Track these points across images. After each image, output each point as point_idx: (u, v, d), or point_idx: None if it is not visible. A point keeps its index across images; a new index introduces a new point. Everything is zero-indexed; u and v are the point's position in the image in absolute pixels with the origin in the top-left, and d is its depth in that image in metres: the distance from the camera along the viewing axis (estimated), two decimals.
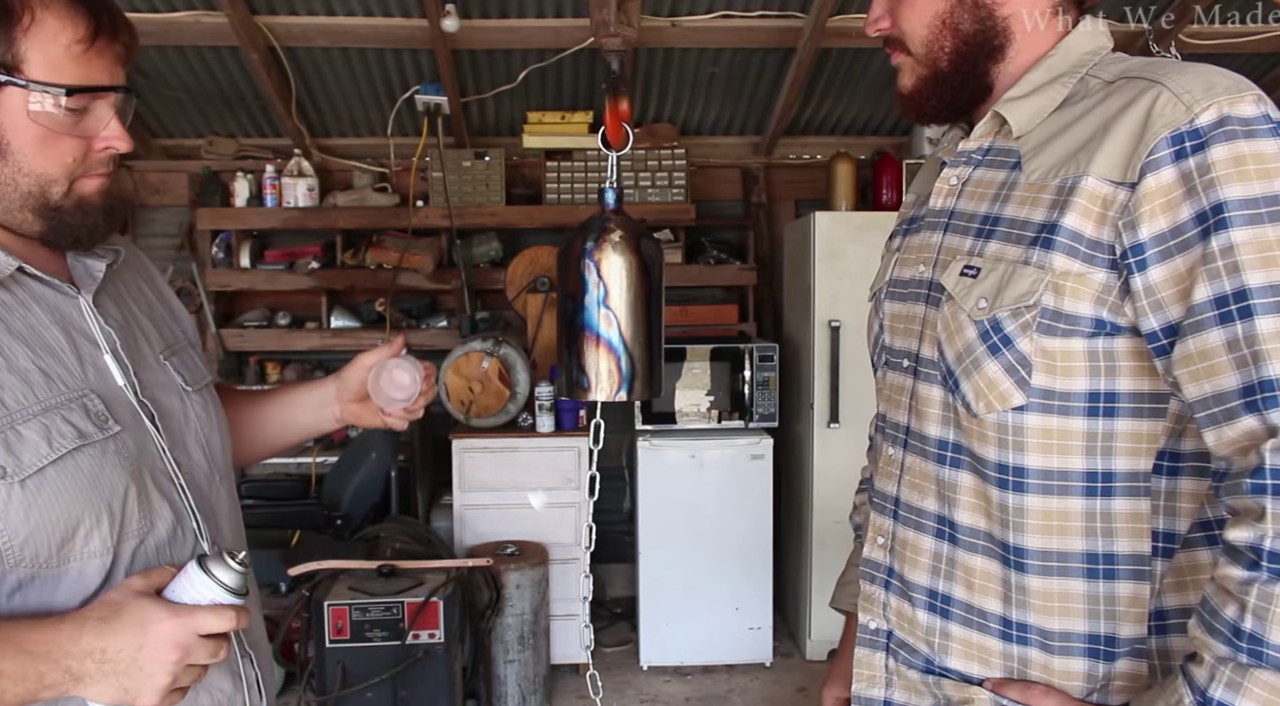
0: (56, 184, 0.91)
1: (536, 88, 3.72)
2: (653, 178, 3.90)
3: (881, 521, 1.10)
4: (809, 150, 4.22)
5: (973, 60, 1.01)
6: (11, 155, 0.89)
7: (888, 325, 1.14)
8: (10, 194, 0.90)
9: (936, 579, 1.02)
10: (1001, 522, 0.95)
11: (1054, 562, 0.93)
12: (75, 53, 0.88)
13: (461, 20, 3.16)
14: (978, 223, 0.99)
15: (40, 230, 0.93)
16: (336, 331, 3.96)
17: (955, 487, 0.99)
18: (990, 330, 0.93)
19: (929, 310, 1.03)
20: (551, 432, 3.52)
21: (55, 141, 0.90)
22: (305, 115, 3.81)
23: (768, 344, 3.64)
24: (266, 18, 3.24)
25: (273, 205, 3.86)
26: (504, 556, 3.27)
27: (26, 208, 0.91)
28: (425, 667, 2.79)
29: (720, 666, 3.65)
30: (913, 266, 1.08)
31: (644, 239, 1.05)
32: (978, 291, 0.95)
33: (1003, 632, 0.97)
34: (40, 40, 0.87)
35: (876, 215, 3.67)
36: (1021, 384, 0.92)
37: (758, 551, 3.62)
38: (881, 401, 1.16)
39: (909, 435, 1.06)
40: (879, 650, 1.10)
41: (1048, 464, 0.92)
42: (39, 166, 0.90)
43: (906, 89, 1.06)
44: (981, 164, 1.03)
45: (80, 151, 0.92)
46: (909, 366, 1.06)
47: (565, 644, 3.53)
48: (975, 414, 0.95)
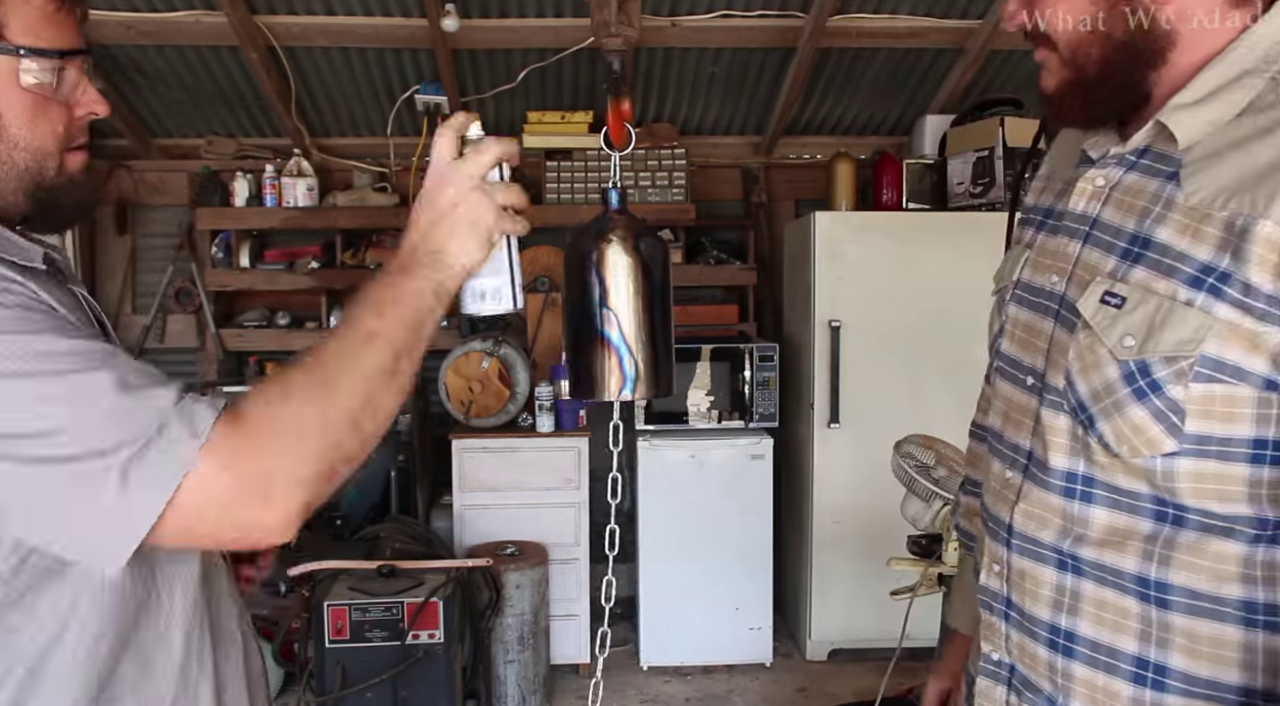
0: (51, 157, 0.87)
1: (536, 87, 3.72)
2: (653, 177, 3.89)
3: (995, 548, 1.01)
4: (809, 150, 4.22)
5: (1126, 69, 0.88)
6: (4, 129, 0.84)
7: (1009, 330, 1.04)
8: (7, 173, 0.85)
9: (1059, 614, 0.93)
10: (1146, 555, 0.86)
11: (1205, 603, 0.84)
12: (48, 12, 0.84)
13: (461, 20, 3.16)
14: (1124, 241, 0.88)
15: (28, 212, 0.88)
16: None
17: (1086, 522, 0.90)
18: (1136, 373, 0.83)
19: (1058, 331, 0.93)
20: (551, 432, 3.52)
21: (45, 110, 0.85)
22: (305, 115, 3.80)
23: (768, 344, 3.64)
24: (266, 17, 3.24)
25: (272, 205, 3.86)
26: (504, 556, 3.26)
27: (21, 189, 0.86)
28: (425, 668, 2.79)
29: (720, 666, 3.64)
30: (1044, 274, 0.98)
31: (646, 238, 1.04)
32: (1123, 326, 0.85)
33: (1135, 675, 0.88)
34: (13, 2, 0.82)
35: (877, 215, 3.67)
36: (1173, 431, 0.82)
37: (758, 551, 3.62)
38: (994, 414, 1.06)
39: (1031, 461, 0.97)
40: (1001, 683, 1.02)
41: (1205, 505, 0.84)
42: (34, 139, 0.85)
43: (1049, 90, 0.95)
44: (1134, 167, 0.91)
45: (65, 119, 0.88)
46: (1033, 385, 0.97)
47: (565, 644, 3.52)
48: (1117, 455, 0.86)
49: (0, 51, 0.82)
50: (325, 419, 0.81)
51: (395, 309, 0.88)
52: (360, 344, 0.85)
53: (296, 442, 0.79)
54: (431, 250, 0.91)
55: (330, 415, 0.81)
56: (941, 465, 2.27)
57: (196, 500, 0.75)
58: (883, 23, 3.38)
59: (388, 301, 0.88)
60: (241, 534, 0.80)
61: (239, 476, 0.77)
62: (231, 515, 0.78)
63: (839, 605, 3.62)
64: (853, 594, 3.56)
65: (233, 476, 0.77)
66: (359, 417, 0.83)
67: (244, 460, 0.77)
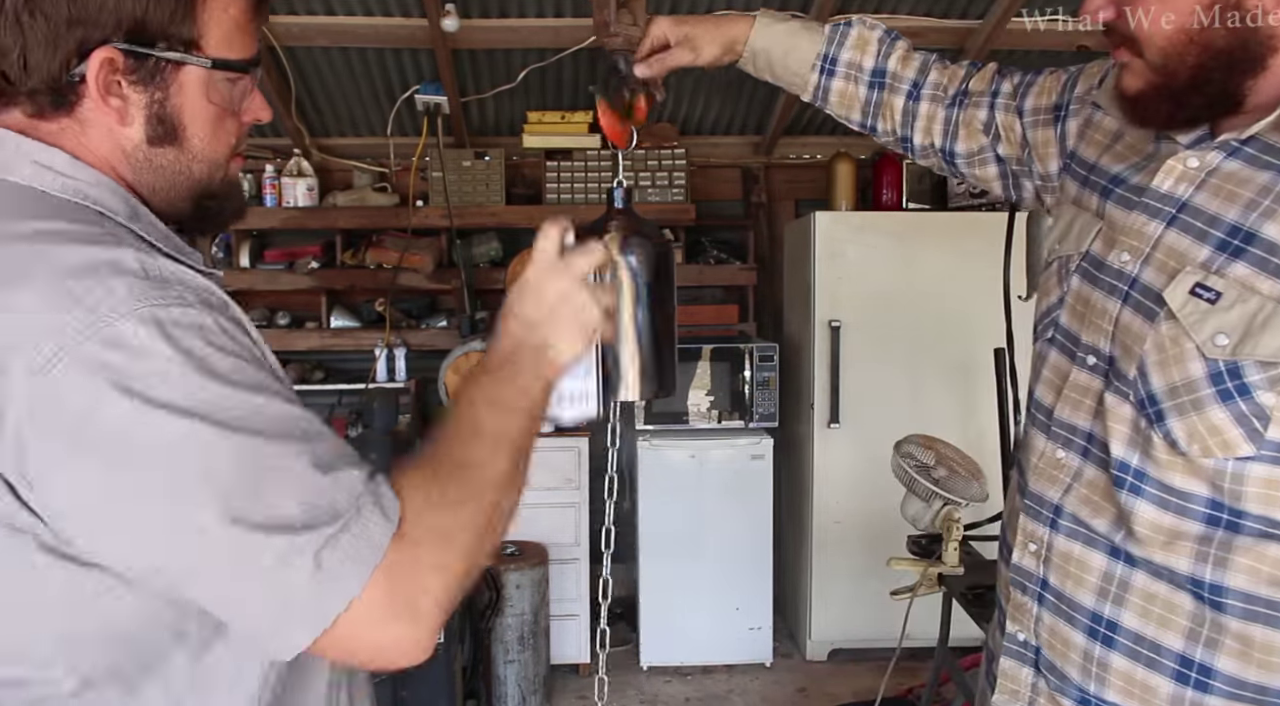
0: (220, 168, 0.84)
1: (536, 87, 3.72)
2: (653, 177, 3.89)
3: (1034, 527, 0.98)
4: (809, 150, 4.22)
5: (1222, 76, 0.84)
6: (187, 141, 0.80)
7: (1069, 303, 0.99)
8: (182, 182, 0.81)
9: (1103, 602, 0.91)
10: (1200, 556, 0.85)
11: (1261, 608, 0.83)
12: (243, 23, 0.80)
13: (461, 20, 3.16)
14: (1222, 231, 0.84)
15: (189, 216, 0.85)
16: (336, 331, 3.96)
17: (1132, 516, 0.88)
18: (1226, 374, 0.80)
19: (1128, 314, 0.89)
20: (551, 433, 3.52)
21: (223, 122, 0.82)
22: (305, 115, 3.80)
23: (768, 344, 3.63)
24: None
25: (272, 205, 3.86)
26: (503, 556, 3.26)
27: (190, 196, 0.83)
28: (424, 668, 2.77)
29: (720, 666, 3.64)
30: (1114, 250, 0.93)
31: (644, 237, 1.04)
32: (1215, 323, 0.81)
33: (1178, 673, 0.86)
34: (214, 11, 0.78)
35: (877, 215, 3.67)
36: (1253, 436, 0.80)
37: (758, 551, 3.61)
38: (1047, 389, 1.01)
39: (1091, 443, 0.93)
40: (1026, 665, 1.00)
41: (1269, 513, 0.82)
42: (211, 152, 0.82)
43: (1130, 91, 0.90)
44: (1236, 155, 0.86)
45: (238, 130, 0.85)
46: (1097, 366, 0.92)
47: (565, 644, 3.52)
48: (1184, 453, 0.84)
49: (199, 62, 0.78)
50: (469, 529, 0.74)
51: (514, 409, 0.83)
52: (490, 452, 0.79)
53: (449, 555, 0.72)
54: (536, 345, 0.88)
55: (474, 524, 0.75)
56: (941, 465, 2.27)
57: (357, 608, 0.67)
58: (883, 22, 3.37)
59: (507, 401, 0.83)
60: (379, 652, 0.71)
61: (396, 587, 0.68)
62: (381, 631, 0.69)
63: (839, 605, 3.62)
64: (853, 594, 3.56)
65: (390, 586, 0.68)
66: (495, 527, 0.77)
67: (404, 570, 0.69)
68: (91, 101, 0.75)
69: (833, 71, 1.23)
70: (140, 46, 0.74)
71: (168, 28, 0.75)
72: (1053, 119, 1.13)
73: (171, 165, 0.80)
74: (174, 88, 0.77)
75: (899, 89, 1.23)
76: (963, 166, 1.23)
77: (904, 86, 1.23)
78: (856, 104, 1.25)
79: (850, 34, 1.24)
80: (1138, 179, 0.94)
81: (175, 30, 0.75)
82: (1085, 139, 1.07)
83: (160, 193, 0.81)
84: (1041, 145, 1.14)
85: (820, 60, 1.24)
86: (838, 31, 1.25)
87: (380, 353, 3.84)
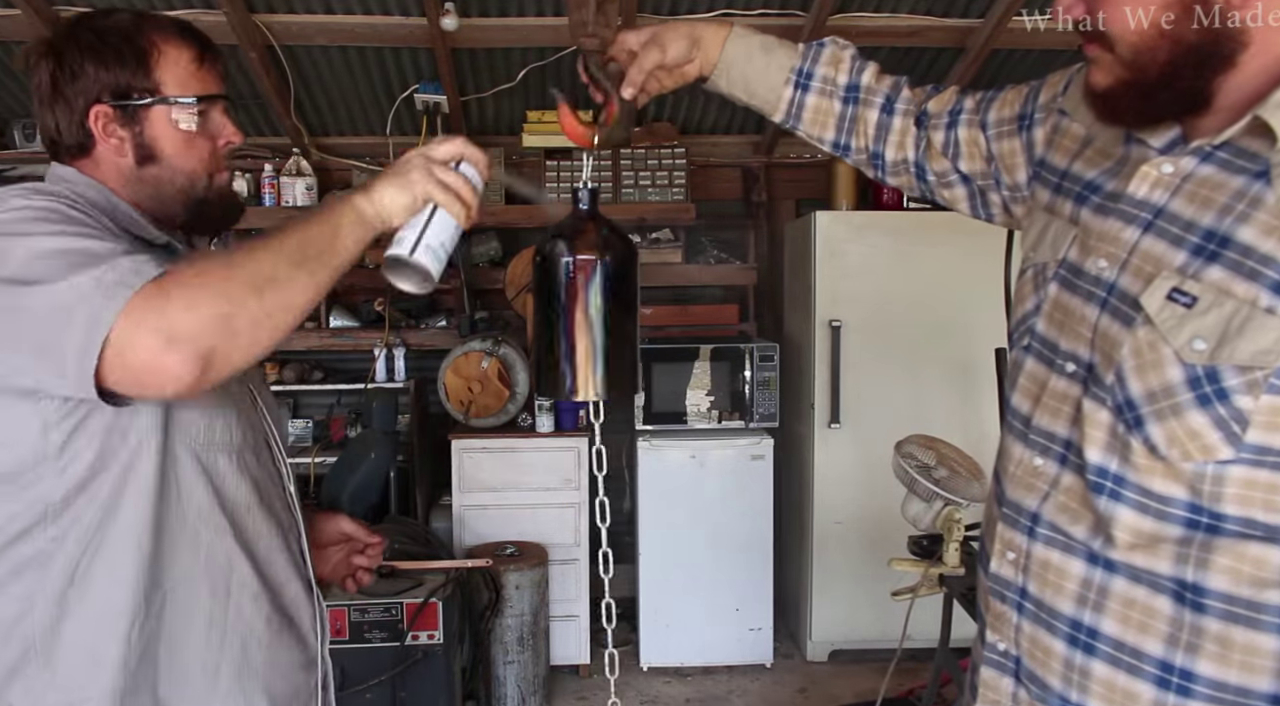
0: (200, 178, 1.14)
1: (536, 87, 3.71)
2: (652, 177, 3.89)
3: (1012, 535, 0.98)
4: (809, 149, 4.21)
5: (1192, 73, 0.84)
6: (165, 159, 1.11)
7: (1046, 311, 0.99)
8: (167, 190, 1.12)
9: (1083, 609, 0.90)
10: (1180, 558, 0.84)
11: (1241, 609, 0.82)
12: (192, 70, 1.12)
13: (460, 19, 3.15)
14: (1197, 236, 0.83)
15: (186, 219, 1.15)
16: (335, 330, 3.95)
17: (1111, 522, 0.88)
18: (1204, 378, 0.80)
19: (1106, 320, 0.89)
20: (551, 433, 3.51)
21: (192, 143, 1.12)
22: (304, 114, 3.79)
23: (768, 344, 3.63)
24: (265, 16, 3.23)
25: (271, 204, 3.85)
26: (503, 557, 3.26)
27: (178, 201, 1.13)
28: (424, 668, 2.79)
29: (720, 667, 3.64)
30: (1090, 256, 0.93)
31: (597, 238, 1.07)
32: (1192, 327, 0.81)
33: (1160, 678, 0.86)
34: (167, 65, 1.10)
35: (877, 215, 3.66)
36: (1231, 439, 0.80)
37: (758, 552, 3.61)
38: (1024, 397, 1.01)
39: (1069, 450, 0.93)
40: (1007, 675, 1.00)
41: (1249, 514, 0.81)
42: (185, 165, 1.12)
43: (1100, 87, 0.90)
44: (1209, 160, 0.86)
45: (209, 149, 1.15)
46: (1076, 372, 0.93)
47: (565, 645, 3.52)
48: (1164, 458, 0.83)
49: (158, 102, 1.10)
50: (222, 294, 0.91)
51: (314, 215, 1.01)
52: (273, 236, 0.98)
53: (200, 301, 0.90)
54: (362, 188, 1.06)
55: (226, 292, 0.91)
56: (942, 465, 2.27)
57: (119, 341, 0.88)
58: (884, 21, 3.37)
59: (309, 219, 1.01)
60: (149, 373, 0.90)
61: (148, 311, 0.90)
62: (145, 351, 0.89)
63: (839, 606, 3.62)
64: (853, 594, 3.55)
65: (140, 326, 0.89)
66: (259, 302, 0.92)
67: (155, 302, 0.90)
68: (98, 144, 1.10)
69: (807, 86, 1.24)
70: (119, 99, 1.08)
71: (133, 83, 1.09)
72: (1017, 129, 1.14)
73: (156, 178, 1.12)
74: (147, 123, 1.10)
75: (873, 103, 1.23)
76: (933, 184, 1.24)
77: (878, 100, 1.23)
78: (831, 120, 1.25)
79: (824, 52, 1.25)
80: (1112, 185, 0.94)
81: (139, 83, 1.09)
82: (1053, 146, 1.07)
83: (153, 200, 1.12)
84: (1008, 156, 1.14)
85: (795, 74, 1.24)
86: (811, 49, 1.25)
87: (379, 352, 3.83)
